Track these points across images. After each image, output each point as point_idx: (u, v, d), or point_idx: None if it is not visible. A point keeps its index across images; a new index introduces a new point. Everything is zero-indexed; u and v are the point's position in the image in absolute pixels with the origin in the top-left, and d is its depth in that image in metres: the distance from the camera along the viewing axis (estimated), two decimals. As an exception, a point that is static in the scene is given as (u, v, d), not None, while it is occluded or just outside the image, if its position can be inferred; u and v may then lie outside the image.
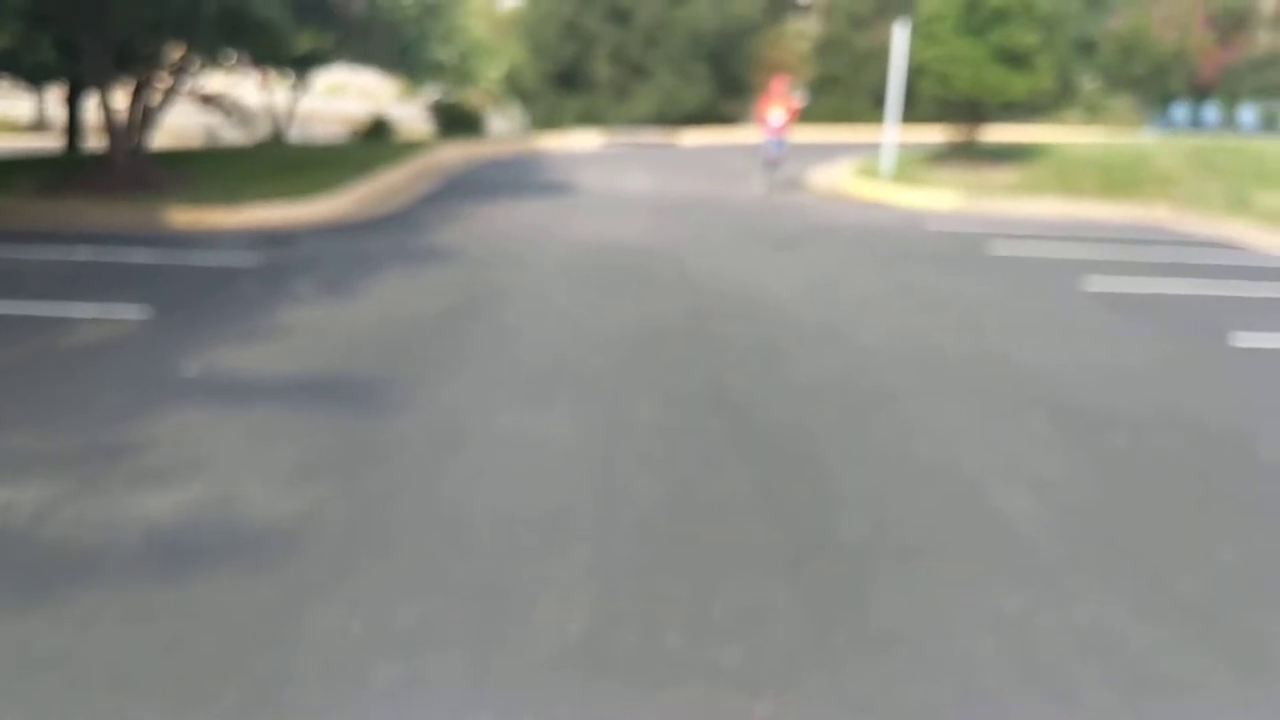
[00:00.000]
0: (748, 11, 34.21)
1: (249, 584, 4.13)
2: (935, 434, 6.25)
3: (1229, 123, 29.72)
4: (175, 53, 16.01)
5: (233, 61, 19.71)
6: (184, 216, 13.11)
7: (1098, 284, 11.08)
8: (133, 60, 15.56)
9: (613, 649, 3.77)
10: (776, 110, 18.29)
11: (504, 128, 34.95)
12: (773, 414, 6.49)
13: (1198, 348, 8.64)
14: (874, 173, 19.91)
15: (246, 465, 5.35)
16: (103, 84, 14.90)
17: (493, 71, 30.97)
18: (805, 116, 22.63)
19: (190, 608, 3.96)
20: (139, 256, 10.82)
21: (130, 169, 14.88)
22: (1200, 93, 31.99)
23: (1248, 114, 29.61)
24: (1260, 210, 15.94)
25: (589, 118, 33.44)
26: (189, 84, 18.60)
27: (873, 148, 21.72)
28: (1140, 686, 3.66)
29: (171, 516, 4.71)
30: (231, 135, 24.88)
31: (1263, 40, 32.86)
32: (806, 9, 41.02)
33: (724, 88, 34.93)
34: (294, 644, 3.73)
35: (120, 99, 15.53)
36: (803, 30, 39.69)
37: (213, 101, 22.17)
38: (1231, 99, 31.20)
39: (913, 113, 22.54)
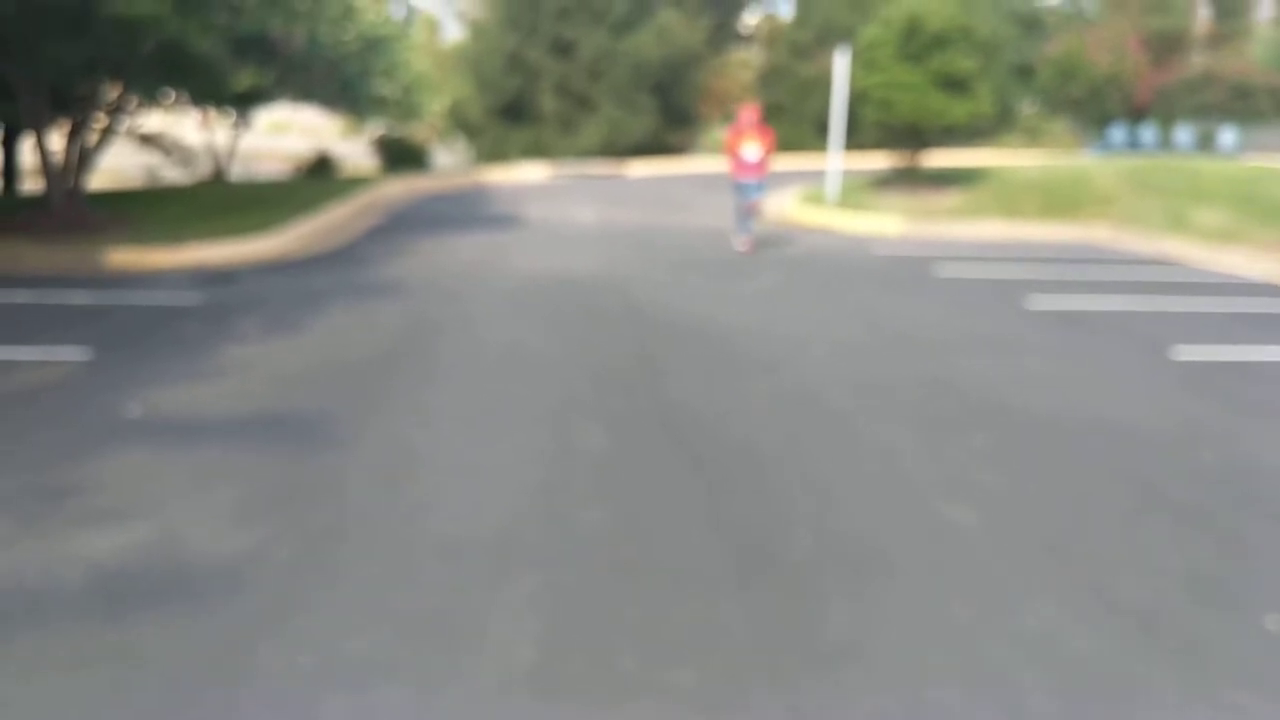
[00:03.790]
0: (691, 42, 34.47)
1: (194, 624, 4.06)
2: (883, 451, 6.28)
3: (1165, 143, 30.27)
4: (112, 92, 15.84)
5: (171, 100, 19.54)
6: (124, 257, 12.94)
7: (1041, 303, 11.22)
8: (68, 100, 15.36)
9: (564, 673, 3.74)
10: (751, 145, 14.70)
11: (449, 162, 34.91)
12: (720, 437, 6.48)
13: (1139, 362, 8.75)
14: (820, 199, 20.06)
15: (190, 505, 5.27)
16: (38, 125, 14.71)
17: (437, 106, 30.89)
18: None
19: (134, 650, 3.88)
20: (79, 298, 10.67)
21: (68, 210, 14.69)
22: (1137, 114, 32.58)
23: (1184, 134, 30.18)
24: (1197, 227, 16.24)
25: (535, 150, 33.49)
26: (127, 123, 18.45)
27: (818, 175, 21.91)
28: (1085, 691, 3.68)
29: (114, 558, 4.62)
30: (172, 174, 24.63)
31: (1196, 62, 33.55)
32: (749, 39, 41.45)
33: (669, 118, 35.14)
34: (241, 682, 3.67)
35: (56, 140, 15.34)
36: (746, 60, 40.08)
37: (152, 141, 21.98)
38: (1167, 120, 31.78)
39: (856, 139, 22.83)
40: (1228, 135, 30.10)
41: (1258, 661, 3.94)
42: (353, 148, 31.67)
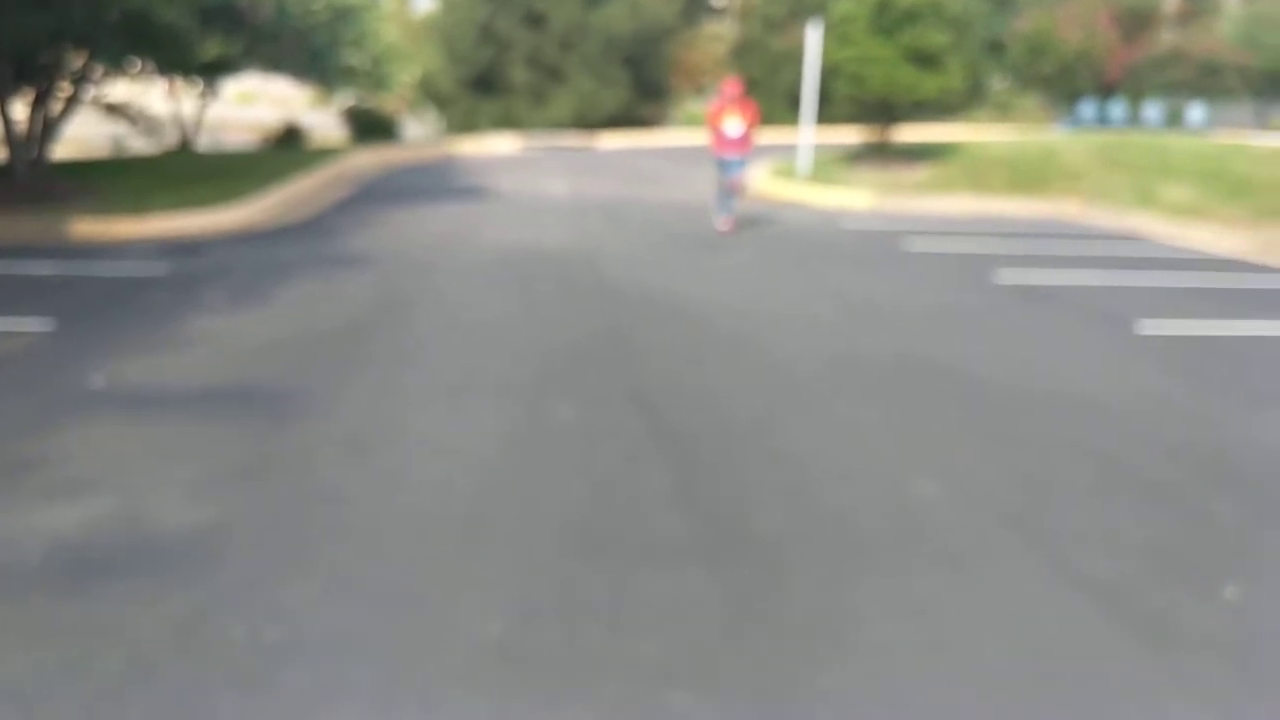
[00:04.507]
0: (663, 15, 34.36)
1: (158, 598, 4.03)
2: (850, 426, 6.30)
3: (1134, 119, 30.43)
4: (77, 61, 15.61)
5: (137, 69, 19.28)
6: (89, 227, 12.80)
7: (1009, 277, 11.28)
8: (33, 69, 15.12)
9: (533, 648, 3.74)
10: (733, 119, 14.07)
11: (419, 133, 34.69)
12: (690, 413, 6.49)
13: (1105, 336, 8.81)
14: (791, 173, 20.07)
15: (154, 477, 5.23)
16: (1, 94, 14.49)
17: (407, 77, 30.65)
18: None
19: (96, 624, 3.85)
20: (43, 268, 10.55)
21: (32, 180, 14.51)
22: (1106, 90, 32.71)
23: (1152, 110, 30.34)
24: (1164, 203, 16.35)
25: (506, 122, 33.34)
26: (92, 92, 18.18)
27: (789, 149, 21.90)
28: (1049, 663, 3.72)
29: (77, 531, 4.59)
30: (138, 144, 24.32)
31: (1166, 39, 33.69)
32: (721, 12, 41.32)
33: (641, 91, 35.05)
34: (204, 656, 3.65)
35: (20, 109, 15.12)
36: (718, 33, 39.99)
37: (118, 110, 21.67)
38: (1136, 96, 31.94)
39: (828, 113, 22.81)
40: (1196, 112, 30.29)
41: (1218, 631, 3.99)
42: (322, 118, 31.41)
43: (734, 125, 14.07)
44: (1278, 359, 8.30)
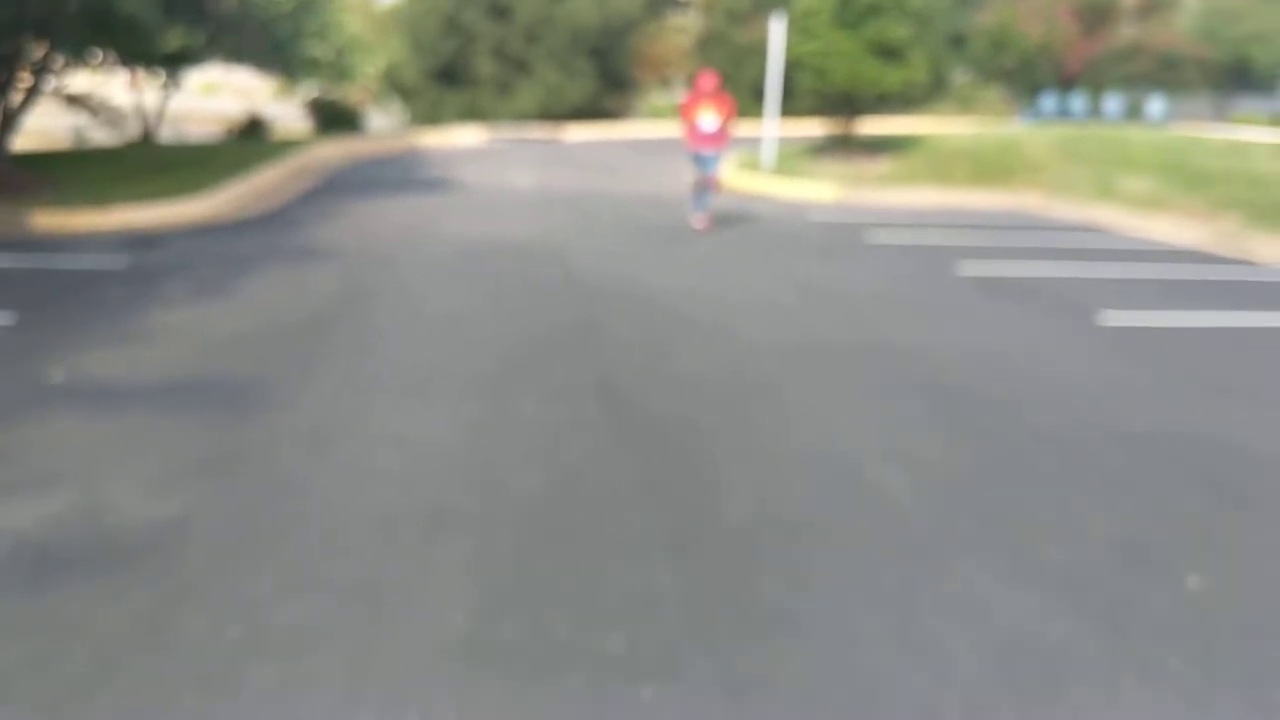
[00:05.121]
0: (628, 8, 34.33)
1: (120, 593, 4.01)
2: (816, 418, 6.34)
3: (1095, 112, 30.72)
4: (37, 51, 15.42)
5: (99, 60, 19.08)
6: (49, 219, 12.66)
7: (972, 269, 11.36)
8: (-9, 59, 14.96)
9: (497, 640, 3.75)
10: (708, 113, 13.67)
11: (384, 125, 34.50)
12: (657, 405, 6.51)
13: (1067, 327, 8.90)
14: (755, 166, 20.12)
15: (115, 472, 5.19)
16: (-41, 84, 14.32)
17: (371, 68, 30.47)
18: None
19: (58, 620, 3.82)
20: (1, 261, 10.43)
21: (-9, 172, 14.33)
22: (1067, 83, 33.00)
23: (1112, 103, 30.64)
24: (1124, 195, 16.51)
25: (471, 114, 33.22)
26: (53, 83, 17.97)
27: (754, 142, 21.94)
28: (1014, 653, 3.76)
29: (37, 527, 4.55)
30: (100, 136, 24.08)
31: (1125, 32, 33.98)
32: (686, 5, 41.31)
33: (607, 83, 35.02)
34: (167, 651, 3.63)
35: (-22, 100, 14.94)
36: (683, 25, 39.97)
37: (79, 102, 21.45)
38: (1097, 89, 32.25)
39: (792, 106, 22.91)
40: (1156, 104, 30.62)
41: (1180, 620, 4.05)
42: (285, 110, 31.18)
43: (709, 119, 13.66)
44: (1237, 349, 8.41)
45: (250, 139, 25.23)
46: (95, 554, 4.33)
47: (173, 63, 22.09)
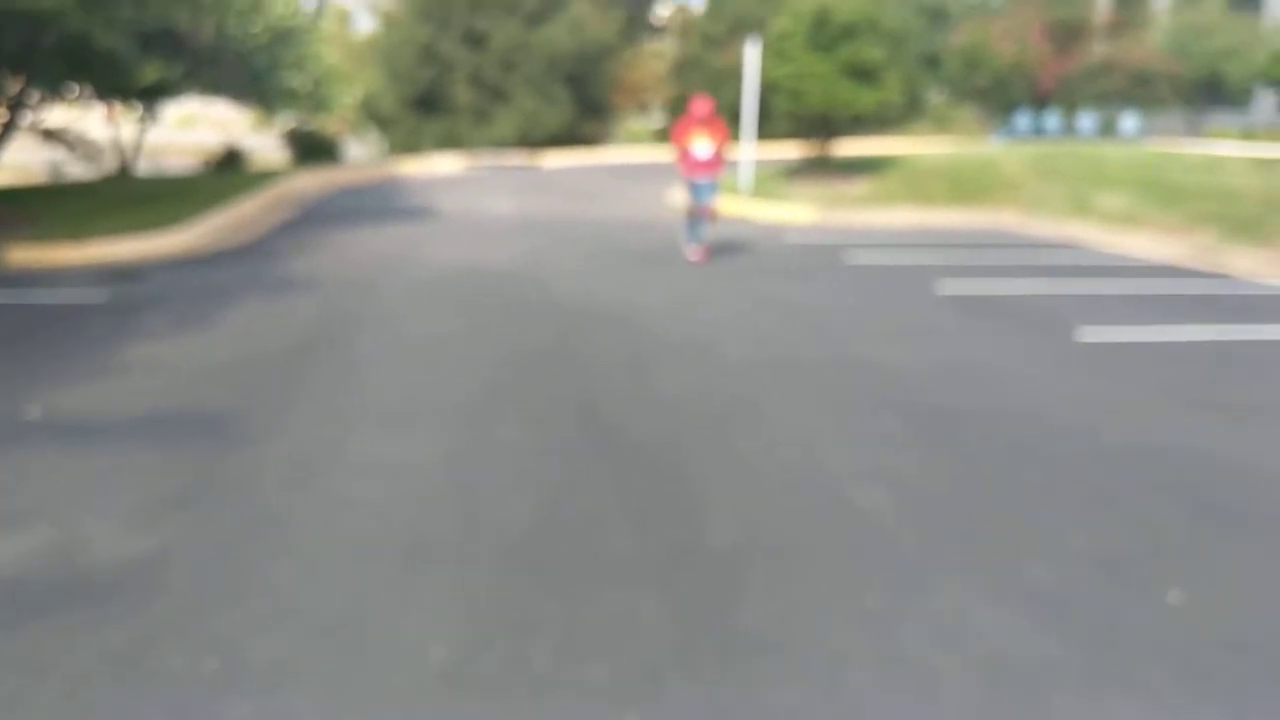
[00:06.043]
0: (604, 34, 34.49)
1: (96, 630, 3.97)
2: (797, 437, 6.34)
3: (1069, 129, 30.93)
4: (13, 85, 15.39)
5: (75, 94, 19.06)
6: (27, 254, 12.60)
7: (950, 288, 11.41)
8: (-34, 95, 14.93)
9: (477, 671, 3.73)
10: (702, 140, 13.18)
11: (362, 154, 34.53)
12: (637, 427, 6.50)
13: (1045, 344, 8.94)
14: (733, 188, 20.16)
15: (92, 508, 5.15)
16: (-67, 120, 14.28)
17: (349, 98, 30.51)
18: (661, 137, 22.36)
19: (33, 658, 3.78)
20: (-23, 298, 10.38)
21: (-34, 208, 14.27)
22: (1041, 101, 33.21)
23: (1086, 120, 30.86)
24: (1099, 211, 16.62)
25: (449, 141, 33.26)
26: (29, 118, 17.94)
27: (731, 165, 22.00)
28: (998, 671, 3.76)
29: (13, 564, 4.51)
30: (77, 170, 24.03)
31: (1098, 50, 34.25)
32: (661, 30, 41.55)
33: (584, 109, 35.13)
34: (143, 688, 3.60)
35: (-47, 136, 14.90)
36: (660, 51, 40.19)
37: (56, 136, 21.40)
38: (1070, 106, 32.47)
39: (768, 129, 23.00)
40: (1129, 121, 30.85)
41: (1163, 635, 4.05)
42: (263, 141, 31.19)
43: (703, 146, 13.14)
44: (1215, 363, 8.46)
45: (228, 171, 25.21)
46: (71, 590, 4.28)
47: (150, 96, 22.08)
